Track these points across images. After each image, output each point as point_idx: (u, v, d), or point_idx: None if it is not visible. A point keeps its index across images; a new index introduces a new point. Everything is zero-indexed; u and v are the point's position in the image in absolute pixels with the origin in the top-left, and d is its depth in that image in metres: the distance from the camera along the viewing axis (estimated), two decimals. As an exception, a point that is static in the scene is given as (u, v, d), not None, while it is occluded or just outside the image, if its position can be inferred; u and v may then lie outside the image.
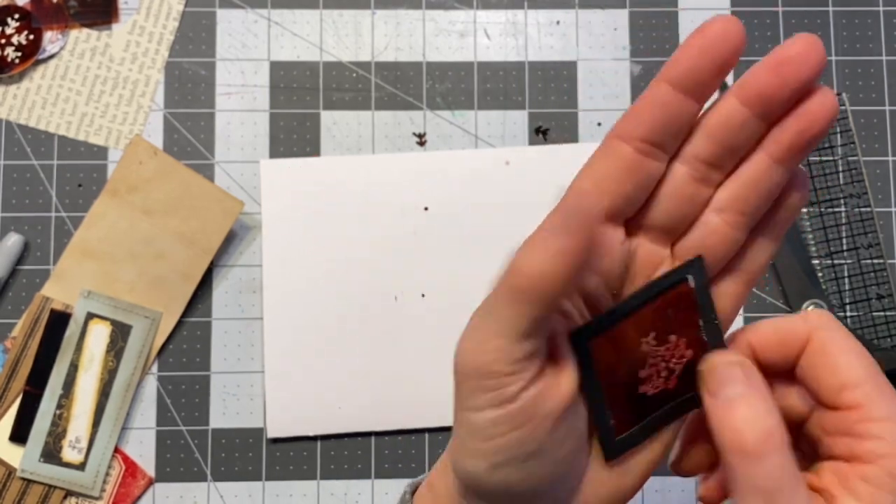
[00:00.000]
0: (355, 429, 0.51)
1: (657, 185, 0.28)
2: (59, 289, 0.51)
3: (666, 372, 0.30)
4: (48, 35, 0.53)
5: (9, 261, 0.51)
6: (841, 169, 0.53)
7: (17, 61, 0.52)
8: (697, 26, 0.27)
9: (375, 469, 0.51)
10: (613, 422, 0.30)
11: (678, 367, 0.30)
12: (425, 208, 0.52)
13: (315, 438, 0.51)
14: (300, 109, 0.53)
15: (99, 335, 0.50)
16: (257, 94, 0.54)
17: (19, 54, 0.52)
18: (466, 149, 0.53)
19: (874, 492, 0.27)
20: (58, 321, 0.50)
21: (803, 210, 0.52)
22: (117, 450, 0.51)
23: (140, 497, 0.51)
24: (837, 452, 0.28)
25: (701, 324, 0.29)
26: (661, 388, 0.30)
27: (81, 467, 0.50)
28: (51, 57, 0.53)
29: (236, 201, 0.51)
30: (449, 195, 0.52)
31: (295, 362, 0.51)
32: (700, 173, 0.28)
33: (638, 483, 0.31)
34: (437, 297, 0.52)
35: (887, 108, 0.54)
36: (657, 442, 0.31)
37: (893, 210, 0.53)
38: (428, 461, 0.51)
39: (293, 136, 0.53)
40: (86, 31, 0.53)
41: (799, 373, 0.29)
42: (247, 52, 0.54)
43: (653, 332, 0.29)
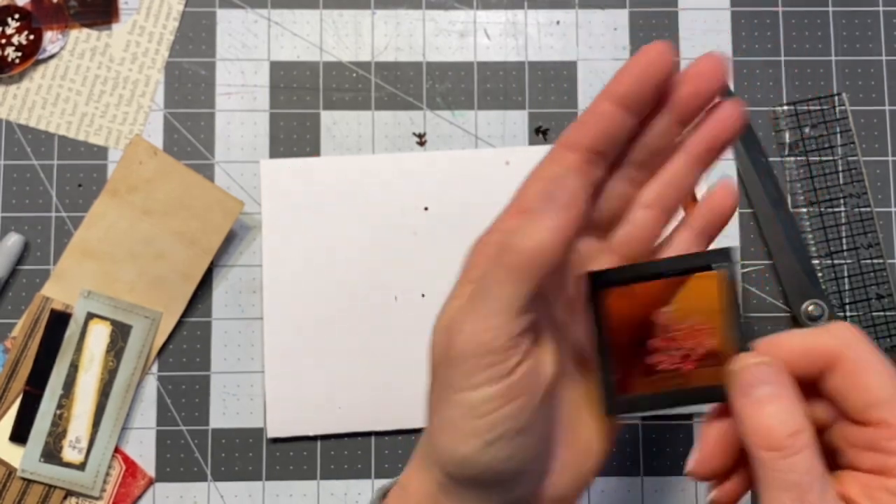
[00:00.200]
0: (355, 429, 0.51)
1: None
2: (59, 289, 0.51)
3: (681, 352, 0.30)
4: (48, 35, 0.53)
5: (9, 261, 0.51)
6: (841, 169, 0.53)
7: (17, 61, 0.53)
8: (639, 50, 0.30)
9: (375, 469, 0.51)
10: (617, 377, 0.30)
11: (697, 353, 0.30)
12: (425, 208, 0.52)
13: (315, 438, 0.51)
14: (300, 109, 0.53)
15: (99, 335, 0.50)
16: (257, 94, 0.54)
17: (19, 54, 0.52)
18: (466, 149, 0.53)
19: None
20: (58, 321, 0.50)
21: (803, 210, 0.52)
22: (117, 450, 0.51)
23: (140, 497, 0.51)
24: (863, 464, 0.29)
25: (724, 315, 0.29)
26: (676, 366, 0.30)
27: (81, 467, 0.50)
28: (51, 57, 0.53)
29: (236, 201, 0.51)
30: (449, 195, 0.52)
31: (295, 362, 0.51)
32: (631, 175, 0.32)
33: (596, 468, 0.33)
34: (437, 297, 0.51)
35: (887, 108, 0.54)
36: (610, 428, 0.33)
37: (893, 210, 0.53)
38: (428, 461, 0.51)
39: (293, 136, 0.53)
40: (86, 31, 0.54)
41: (824, 386, 0.30)
42: (247, 52, 0.54)
43: (671, 306, 0.30)
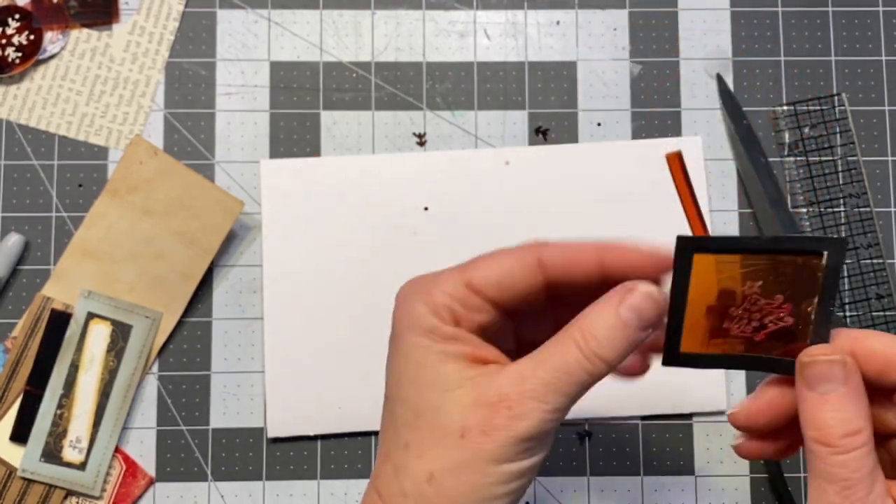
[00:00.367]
0: (355, 429, 0.51)
1: None
2: (60, 289, 0.51)
3: (758, 324, 0.30)
4: (48, 35, 0.53)
5: (9, 261, 0.51)
6: (840, 169, 0.53)
7: (17, 61, 0.53)
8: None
9: (375, 469, 0.51)
10: (685, 334, 0.31)
11: (773, 327, 0.30)
12: (425, 208, 0.52)
13: (315, 438, 0.51)
14: (300, 109, 0.54)
15: (99, 335, 0.51)
16: (257, 94, 0.54)
17: (20, 54, 0.53)
18: (466, 149, 0.53)
19: None
20: (58, 321, 0.50)
21: (803, 210, 0.52)
22: (118, 449, 0.51)
23: (140, 497, 0.51)
24: None
25: (815, 302, 0.29)
26: (747, 334, 0.30)
27: (82, 467, 0.50)
28: (51, 57, 0.53)
29: (236, 201, 0.51)
30: (449, 195, 0.52)
31: (295, 362, 0.51)
32: None
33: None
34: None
35: (887, 108, 0.54)
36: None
37: (893, 210, 0.53)
38: (428, 461, 0.51)
39: (293, 136, 0.53)
40: (86, 31, 0.54)
41: None
42: (247, 52, 0.54)
43: (761, 282, 0.30)
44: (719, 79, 0.54)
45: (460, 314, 0.33)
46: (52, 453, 0.50)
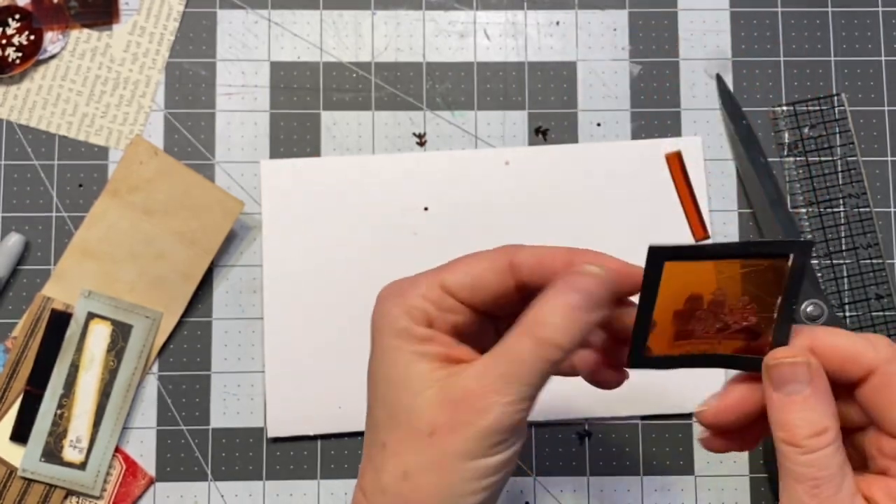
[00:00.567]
0: (355, 429, 0.51)
1: None
2: (60, 289, 0.51)
3: (722, 325, 0.31)
4: (49, 35, 0.53)
5: (9, 261, 0.51)
6: (840, 169, 0.53)
7: (17, 61, 0.53)
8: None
9: (375, 469, 0.51)
10: (650, 337, 0.31)
11: (734, 327, 0.31)
12: (425, 208, 0.52)
13: (315, 438, 0.51)
14: (300, 110, 0.54)
15: (99, 335, 0.51)
16: (257, 94, 0.54)
17: (20, 55, 0.53)
18: (466, 149, 0.53)
19: None
20: (58, 321, 0.50)
21: (802, 210, 0.52)
22: (118, 449, 0.51)
23: (141, 496, 0.51)
24: (891, 472, 0.30)
25: (781, 304, 0.30)
26: (710, 334, 0.31)
27: (82, 467, 0.50)
28: (51, 57, 0.53)
29: (236, 201, 0.51)
30: (449, 195, 0.52)
31: (295, 362, 0.51)
32: None
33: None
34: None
35: (886, 108, 0.54)
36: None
37: (893, 210, 0.53)
38: (428, 461, 0.51)
39: (293, 136, 0.53)
40: (86, 31, 0.54)
41: (859, 395, 0.31)
42: (247, 52, 0.54)
43: (729, 286, 0.30)
44: (719, 79, 0.54)
45: (434, 315, 0.33)
46: (52, 453, 0.50)
